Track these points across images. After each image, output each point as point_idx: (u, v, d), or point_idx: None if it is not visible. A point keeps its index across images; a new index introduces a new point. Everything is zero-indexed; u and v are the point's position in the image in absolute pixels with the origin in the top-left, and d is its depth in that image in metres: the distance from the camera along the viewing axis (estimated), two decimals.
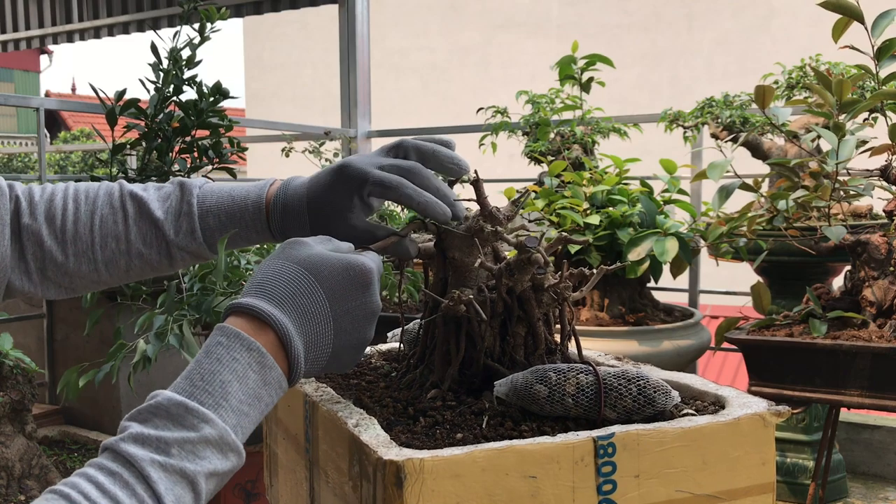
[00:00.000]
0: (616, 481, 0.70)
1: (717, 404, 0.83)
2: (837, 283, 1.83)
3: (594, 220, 1.99)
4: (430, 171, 0.88)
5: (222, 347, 0.67)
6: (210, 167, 2.23)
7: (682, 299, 2.80)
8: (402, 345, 1.03)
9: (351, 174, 0.86)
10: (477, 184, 0.88)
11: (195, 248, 0.91)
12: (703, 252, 2.22)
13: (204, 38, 2.17)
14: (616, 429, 0.71)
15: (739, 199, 1.86)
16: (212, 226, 0.90)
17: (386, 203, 2.93)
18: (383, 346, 1.13)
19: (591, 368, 0.78)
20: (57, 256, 0.89)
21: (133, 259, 0.91)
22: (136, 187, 0.92)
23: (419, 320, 0.97)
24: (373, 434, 0.71)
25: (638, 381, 0.77)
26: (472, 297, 0.83)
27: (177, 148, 2.19)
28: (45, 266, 0.89)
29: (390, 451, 0.66)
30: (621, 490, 0.70)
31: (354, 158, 0.88)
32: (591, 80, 2.62)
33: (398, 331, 1.08)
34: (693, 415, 0.78)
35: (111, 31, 5.43)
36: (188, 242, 0.90)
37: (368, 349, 1.13)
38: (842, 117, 1.47)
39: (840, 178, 1.52)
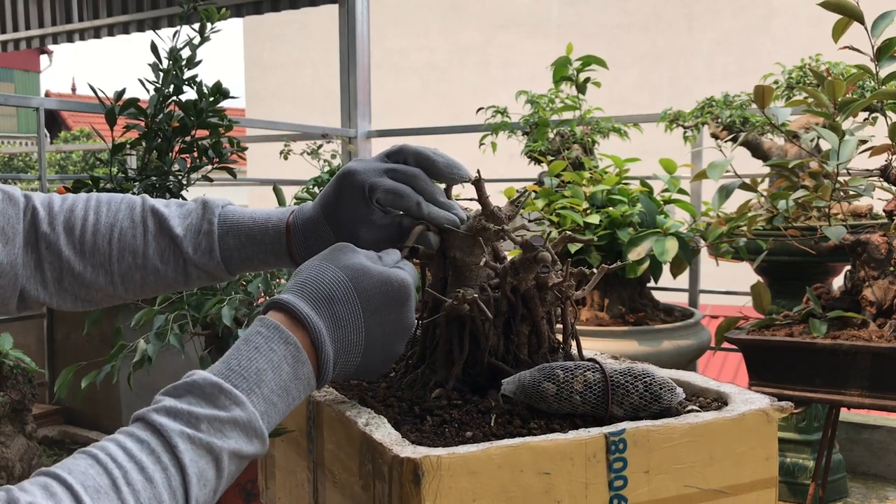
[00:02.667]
0: (627, 477, 0.70)
1: (720, 401, 0.83)
2: (837, 283, 1.83)
3: (594, 219, 1.99)
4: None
5: (261, 337, 0.69)
6: (210, 167, 2.23)
7: (682, 299, 2.80)
8: None
9: (356, 184, 0.85)
10: (478, 183, 0.89)
11: (212, 268, 0.90)
12: (703, 252, 2.22)
13: (204, 39, 2.17)
14: (626, 425, 0.72)
15: (739, 199, 1.86)
16: (231, 246, 0.90)
17: None
18: None
19: (597, 366, 0.78)
20: (75, 266, 0.88)
21: (149, 274, 0.90)
22: (159, 203, 0.92)
23: (418, 320, 0.97)
24: (385, 433, 0.71)
25: (644, 377, 0.78)
26: (476, 296, 0.83)
27: (177, 148, 2.19)
28: (62, 276, 0.89)
29: (406, 449, 0.66)
30: (632, 486, 0.70)
31: (357, 166, 0.87)
32: (587, 80, 2.63)
33: None
34: (698, 411, 0.78)
35: (111, 31, 5.43)
36: (206, 261, 0.90)
37: None
38: (839, 117, 1.47)
39: (840, 178, 1.52)
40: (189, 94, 2.17)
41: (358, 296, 0.74)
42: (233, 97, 2.21)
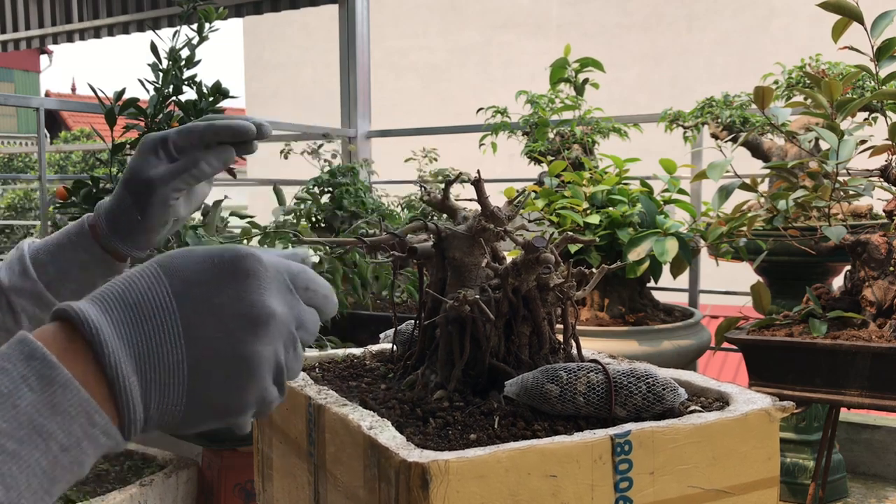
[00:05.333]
0: (632, 478, 0.70)
1: (721, 401, 0.84)
2: (837, 283, 1.83)
3: (594, 220, 1.99)
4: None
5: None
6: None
7: (682, 299, 2.80)
8: (395, 346, 1.03)
9: (153, 137, 0.89)
10: (478, 184, 0.88)
11: (32, 289, 0.89)
12: (703, 252, 2.22)
13: (203, 38, 2.17)
14: (632, 426, 0.72)
15: (739, 199, 1.86)
16: (44, 260, 0.90)
17: (385, 203, 2.93)
18: (374, 347, 1.13)
19: (600, 367, 0.78)
20: None
21: None
22: None
23: (414, 321, 0.97)
24: (389, 436, 0.71)
25: (647, 378, 0.78)
26: (477, 297, 0.83)
27: None
28: None
29: (412, 453, 0.66)
30: (637, 487, 0.71)
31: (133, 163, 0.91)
32: (585, 82, 2.63)
33: (391, 332, 1.08)
34: (700, 411, 0.78)
35: (111, 31, 5.43)
36: (22, 282, 0.89)
37: (359, 350, 1.12)
38: (838, 118, 1.47)
39: (840, 178, 1.52)
40: (189, 94, 2.17)
41: (166, 276, 0.52)
42: (232, 97, 2.21)
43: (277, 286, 0.55)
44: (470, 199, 0.90)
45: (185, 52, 2.16)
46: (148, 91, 2.19)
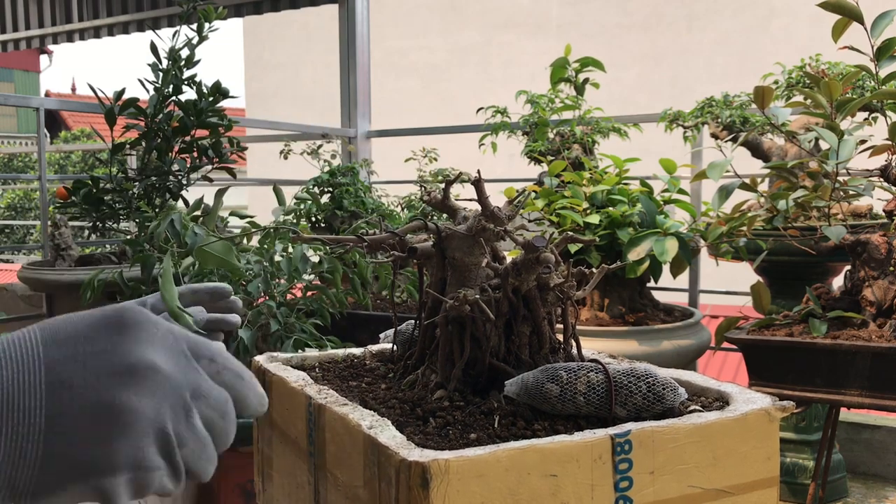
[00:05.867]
0: (632, 478, 0.70)
1: (721, 400, 0.84)
2: (837, 283, 1.83)
3: (594, 219, 1.99)
4: None
5: None
6: (210, 167, 2.23)
7: (682, 299, 2.80)
8: (395, 346, 1.03)
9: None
10: (478, 184, 0.88)
11: None
12: (703, 252, 2.22)
13: (202, 38, 2.17)
14: (632, 426, 0.72)
15: (739, 199, 1.86)
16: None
17: (385, 203, 2.93)
18: (374, 347, 1.13)
19: (600, 367, 0.78)
20: None
21: None
22: None
23: (414, 321, 0.97)
24: (390, 436, 0.71)
25: (647, 378, 0.78)
26: (477, 297, 0.83)
27: (176, 147, 2.19)
28: None
29: (413, 453, 0.66)
30: (637, 487, 0.71)
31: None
32: (585, 81, 2.63)
33: (391, 332, 1.08)
34: (700, 411, 0.78)
35: (111, 31, 5.43)
36: None
37: (359, 350, 1.12)
38: (837, 117, 1.47)
39: (840, 178, 1.52)
40: (189, 93, 2.17)
41: (40, 328, 0.49)
42: (232, 97, 2.21)
43: (165, 345, 0.50)
44: (470, 199, 0.90)
45: (184, 52, 2.16)
46: (148, 91, 2.19)
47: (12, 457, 0.45)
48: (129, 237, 2.33)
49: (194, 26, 2.17)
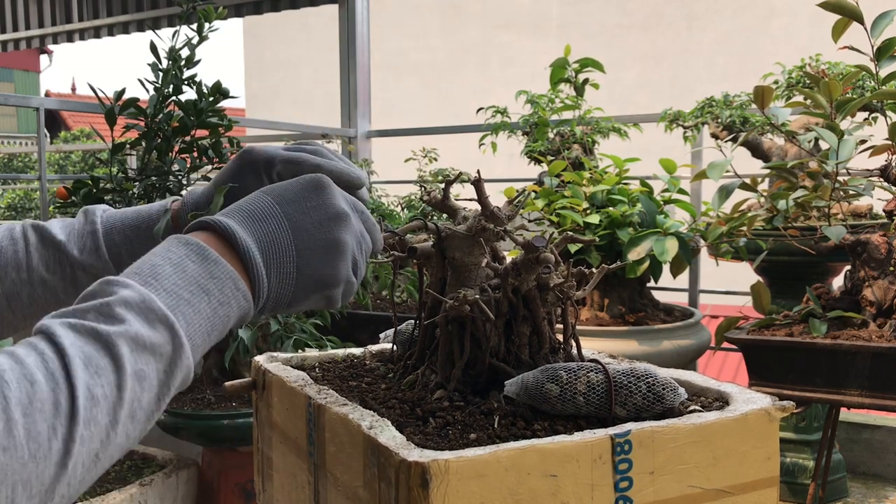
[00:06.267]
0: (632, 478, 0.70)
1: (721, 400, 0.84)
2: (837, 283, 1.83)
3: (594, 219, 1.99)
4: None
5: (159, 247, 0.64)
6: (210, 167, 2.24)
7: (682, 299, 2.80)
8: (395, 346, 1.03)
9: (256, 157, 0.86)
10: (478, 184, 0.88)
11: (101, 267, 0.87)
12: (703, 252, 2.22)
13: (202, 38, 2.17)
14: (632, 426, 0.72)
15: (739, 199, 1.86)
16: (118, 242, 0.87)
17: (385, 203, 2.93)
18: (374, 347, 1.13)
19: (600, 367, 0.78)
20: None
21: (36, 288, 0.86)
22: (38, 221, 0.90)
23: (414, 321, 0.97)
24: (390, 436, 0.71)
25: (647, 378, 0.78)
26: (477, 297, 0.83)
27: (176, 148, 2.19)
28: None
29: (412, 453, 0.66)
30: (637, 487, 0.71)
31: (255, 144, 0.88)
32: (585, 82, 2.63)
33: (391, 332, 1.08)
34: (700, 411, 0.78)
35: (111, 31, 5.43)
36: (94, 261, 0.87)
37: (359, 350, 1.13)
38: (837, 117, 1.47)
39: (840, 178, 1.52)
40: (189, 93, 2.17)
41: (268, 193, 0.71)
42: (232, 97, 2.21)
43: (345, 199, 0.73)
44: (470, 199, 0.90)
45: (184, 52, 2.16)
46: (148, 91, 2.19)
47: (280, 280, 0.68)
48: None
49: (194, 26, 2.17)
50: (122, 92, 2.15)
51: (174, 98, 2.16)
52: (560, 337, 0.90)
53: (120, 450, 0.56)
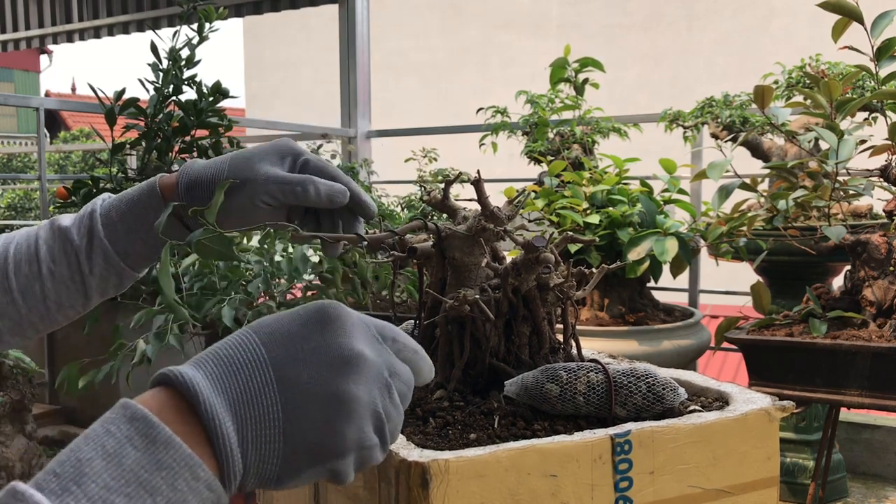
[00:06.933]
0: (632, 478, 0.70)
1: (721, 400, 0.84)
2: (837, 283, 1.83)
3: (594, 219, 1.99)
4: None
5: (99, 422, 0.51)
6: None
7: (682, 299, 2.80)
8: None
9: (293, 147, 0.85)
10: (478, 184, 0.88)
11: (97, 247, 0.86)
12: (703, 252, 2.22)
13: (202, 38, 2.17)
14: (632, 426, 0.72)
15: (739, 199, 1.86)
16: (114, 219, 0.87)
17: (385, 203, 2.93)
18: None
19: (600, 367, 0.78)
20: None
21: (45, 281, 0.86)
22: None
23: (414, 321, 0.97)
24: None
25: (647, 378, 0.78)
26: (477, 297, 0.83)
27: (176, 147, 2.19)
28: None
29: (412, 453, 0.66)
30: (637, 487, 0.71)
31: (253, 173, 0.84)
32: (585, 82, 2.63)
33: None
34: (700, 411, 0.78)
35: (111, 31, 5.43)
36: (89, 241, 0.86)
37: None
38: (837, 117, 1.47)
39: (840, 178, 1.52)
40: (189, 93, 2.17)
41: (257, 334, 0.55)
42: (232, 97, 2.21)
43: (363, 332, 0.57)
44: (470, 199, 0.90)
45: (185, 52, 2.16)
46: (148, 91, 2.19)
47: (260, 452, 0.52)
48: None
49: (194, 26, 2.17)
50: (122, 92, 2.15)
51: (174, 98, 2.16)
52: (560, 337, 0.90)
53: None
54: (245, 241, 1.90)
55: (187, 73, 2.17)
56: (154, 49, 2.15)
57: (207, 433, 0.50)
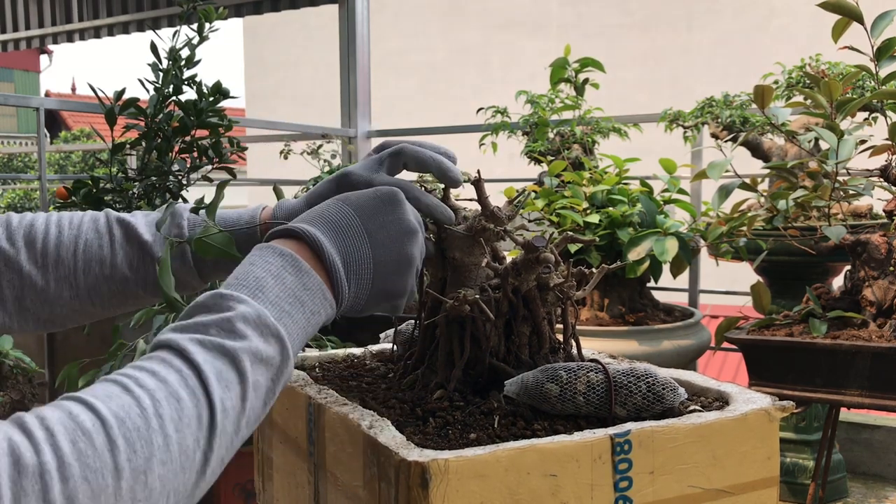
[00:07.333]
0: (632, 478, 0.70)
1: (721, 400, 0.84)
2: (837, 283, 1.83)
3: (594, 219, 1.99)
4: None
5: (255, 255, 0.69)
6: (210, 167, 2.23)
7: (682, 299, 2.80)
8: (395, 346, 1.03)
9: (354, 183, 0.86)
10: (478, 184, 0.89)
11: (184, 273, 0.88)
12: (703, 252, 2.22)
13: (202, 38, 2.17)
14: (631, 426, 0.72)
15: (739, 199, 1.86)
16: (215, 218, 0.88)
17: None
18: (374, 347, 1.13)
19: (600, 366, 0.78)
20: (37, 282, 0.85)
21: (117, 285, 0.87)
22: (124, 214, 0.90)
23: (414, 321, 0.97)
24: (390, 435, 0.71)
25: (647, 378, 0.78)
26: (477, 297, 0.83)
27: (176, 148, 2.19)
28: (23, 294, 0.85)
29: (412, 453, 0.66)
30: (637, 487, 0.71)
31: (354, 168, 0.88)
32: (585, 82, 2.63)
33: (391, 332, 1.08)
34: (700, 411, 0.78)
35: (111, 31, 5.43)
36: (177, 267, 0.87)
37: (359, 350, 1.13)
38: (837, 117, 1.47)
39: (840, 178, 1.52)
40: (189, 93, 2.17)
41: (349, 205, 0.75)
42: (233, 97, 2.21)
43: (413, 214, 0.78)
44: (470, 199, 0.90)
45: (185, 52, 2.16)
46: (148, 91, 2.19)
47: (358, 289, 0.74)
48: None
49: (194, 26, 2.17)
50: (122, 92, 2.15)
51: (174, 98, 2.16)
52: (560, 337, 0.90)
53: (234, 452, 0.61)
54: None
55: (187, 73, 2.17)
56: (154, 49, 2.15)
57: (327, 272, 0.71)
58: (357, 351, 1.13)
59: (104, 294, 0.88)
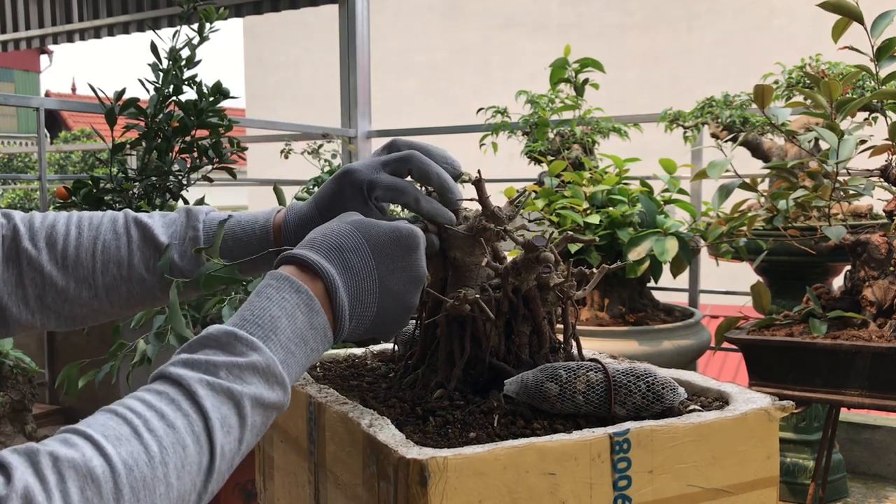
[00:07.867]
0: (631, 477, 0.70)
1: (721, 400, 0.84)
2: (837, 283, 1.83)
3: (594, 219, 1.99)
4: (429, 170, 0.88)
5: (272, 288, 0.69)
6: (210, 167, 2.24)
7: (682, 299, 2.80)
8: (396, 346, 1.03)
9: (355, 181, 0.86)
10: (478, 184, 0.89)
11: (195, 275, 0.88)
12: (703, 252, 2.22)
13: (203, 38, 2.17)
14: (630, 425, 0.72)
15: (739, 199, 1.86)
16: (218, 251, 0.89)
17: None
18: (375, 347, 1.14)
19: (600, 366, 0.78)
20: (57, 282, 0.87)
21: (134, 286, 0.89)
22: (142, 215, 0.91)
23: (414, 320, 0.97)
24: (389, 434, 0.71)
25: (646, 377, 0.78)
26: (477, 296, 0.83)
27: (176, 148, 2.19)
28: (45, 293, 0.87)
29: (411, 451, 0.66)
30: (636, 486, 0.71)
31: (355, 165, 0.88)
32: (585, 82, 2.63)
33: None
34: (700, 411, 0.79)
35: (111, 31, 5.43)
36: (193, 268, 0.88)
37: (360, 350, 1.13)
38: (837, 117, 1.47)
39: (840, 178, 1.52)
40: (189, 94, 2.17)
41: (367, 243, 0.74)
42: (233, 97, 2.21)
43: (423, 256, 0.78)
44: (470, 199, 0.90)
45: (185, 52, 2.16)
46: (148, 91, 2.19)
47: (356, 326, 0.74)
48: None
49: (195, 26, 2.17)
50: (123, 92, 2.15)
51: (174, 98, 2.16)
52: (560, 337, 0.90)
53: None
54: None
55: (187, 73, 2.17)
56: (154, 49, 2.15)
57: (334, 312, 0.71)
58: (358, 351, 1.13)
59: (122, 294, 0.89)
